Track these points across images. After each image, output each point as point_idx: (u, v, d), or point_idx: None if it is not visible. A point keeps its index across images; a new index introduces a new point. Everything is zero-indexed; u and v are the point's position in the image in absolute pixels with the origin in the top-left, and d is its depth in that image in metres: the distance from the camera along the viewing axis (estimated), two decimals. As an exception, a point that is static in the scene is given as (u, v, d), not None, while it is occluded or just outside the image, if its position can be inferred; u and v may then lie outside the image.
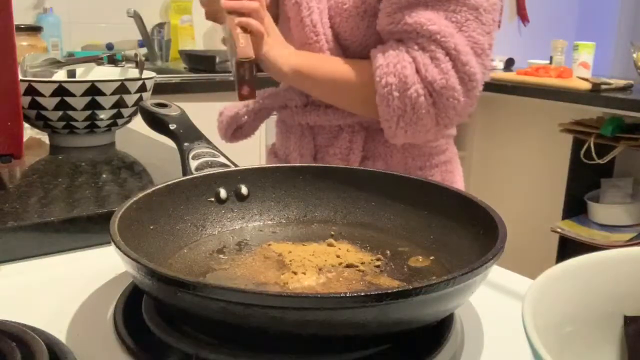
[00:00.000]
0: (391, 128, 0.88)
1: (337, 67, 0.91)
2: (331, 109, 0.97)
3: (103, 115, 0.94)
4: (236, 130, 1.05)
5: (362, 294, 0.36)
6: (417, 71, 0.84)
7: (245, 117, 1.04)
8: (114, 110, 0.94)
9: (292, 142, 1.02)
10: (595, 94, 2.08)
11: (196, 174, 0.59)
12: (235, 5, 0.88)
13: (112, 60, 1.13)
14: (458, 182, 1.05)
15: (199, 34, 2.62)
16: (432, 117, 0.86)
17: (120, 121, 0.97)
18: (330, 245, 0.56)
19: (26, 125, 0.91)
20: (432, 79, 0.83)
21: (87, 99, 0.91)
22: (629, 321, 0.38)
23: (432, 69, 0.83)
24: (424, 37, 0.84)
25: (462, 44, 0.83)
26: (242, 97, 0.90)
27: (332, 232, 0.59)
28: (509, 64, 2.88)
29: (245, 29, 0.87)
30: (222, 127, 1.05)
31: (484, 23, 0.85)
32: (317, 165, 0.64)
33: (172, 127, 0.68)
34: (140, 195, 0.52)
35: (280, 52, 0.91)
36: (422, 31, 0.83)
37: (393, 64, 0.85)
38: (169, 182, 0.56)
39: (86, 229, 0.64)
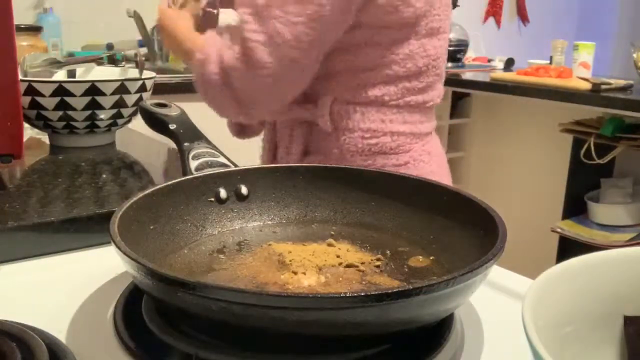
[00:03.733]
0: (205, 102, 0.96)
1: (188, 42, 0.99)
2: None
3: (103, 115, 0.94)
4: (244, 127, 1.11)
5: (362, 294, 0.36)
6: (218, 52, 0.91)
7: None
8: (114, 110, 0.94)
9: (264, 138, 1.09)
10: (595, 94, 2.07)
11: (196, 174, 0.59)
12: None
13: (112, 60, 1.14)
14: None
15: (199, 34, 2.62)
16: (229, 96, 0.92)
17: (120, 121, 0.97)
18: (330, 245, 0.56)
19: (26, 125, 0.91)
20: (223, 59, 0.90)
21: (87, 99, 0.91)
22: (629, 321, 0.38)
23: (226, 50, 0.90)
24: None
25: (254, 30, 0.88)
26: None
27: (332, 232, 0.59)
28: (509, 64, 2.88)
29: None
30: (229, 123, 1.12)
31: (288, 12, 0.86)
32: (317, 165, 0.64)
33: (172, 127, 0.68)
34: (140, 195, 0.52)
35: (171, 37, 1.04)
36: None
37: (208, 45, 0.94)
38: (169, 182, 0.56)
39: (86, 229, 0.64)
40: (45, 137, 1.01)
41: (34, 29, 1.93)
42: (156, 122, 0.70)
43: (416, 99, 0.97)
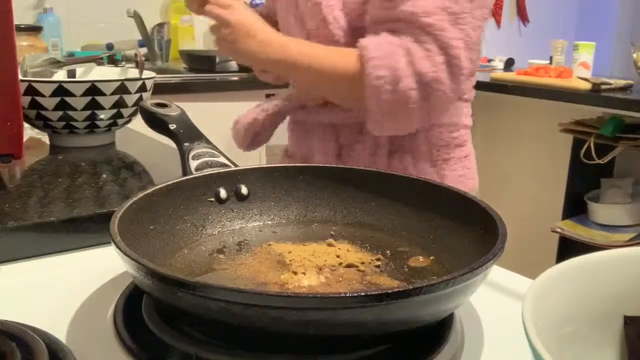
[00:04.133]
0: (378, 121, 0.86)
1: (323, 57, 0.88)
2: None
3: (103, 115, 0.94)
4: (253, 137, 1.03)
5: (362, 294, 0.36)
6: (409, 64, 0.82)
7: (264, 122, 1.02)
8: (114, 110, 0.94)
9: (315, 142, 1.00)
10: (595, 94, 2.07)
11: (196, 174, 0.59)
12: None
13: (112, 60, 1.13)
14: (475, 179, 1.06)
15: (199, 34, 2.62)
16: (424, 110, 0.85)
17: (120, 121, 0.97)
18: (330, 245, 0.56)
19: (26, 125, 0.90)
20: (423, 72, 0.82)
21: (87, 99, 0.91)
22: (629, 321, 0.38)
23: (423, 61, 0.82)
24: (418, 28, 0.83)
25: (455, 37, 0.83)
26: None
27: (332, 232, 0.59)
28: (509, 64, 2.88)
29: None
30: (239, 135, 1.03)
31: (475, 17, 0.85)
32: (317, 165, 0.64)
33: (172, 127, 0.68)
34: (140, 195, 0.52)
35: (250, 45, 0.89)
36: (417, 22, 0.83)
37: (386, 56, 0.83)
38: (169, 182, 0.56)
39: (86, 229, 0.64)
40: (45, 137, 1.01)
41: (34, 29, 1.93)
42: (156, 122, 0.70)
43: (473, 93, 1.03)
